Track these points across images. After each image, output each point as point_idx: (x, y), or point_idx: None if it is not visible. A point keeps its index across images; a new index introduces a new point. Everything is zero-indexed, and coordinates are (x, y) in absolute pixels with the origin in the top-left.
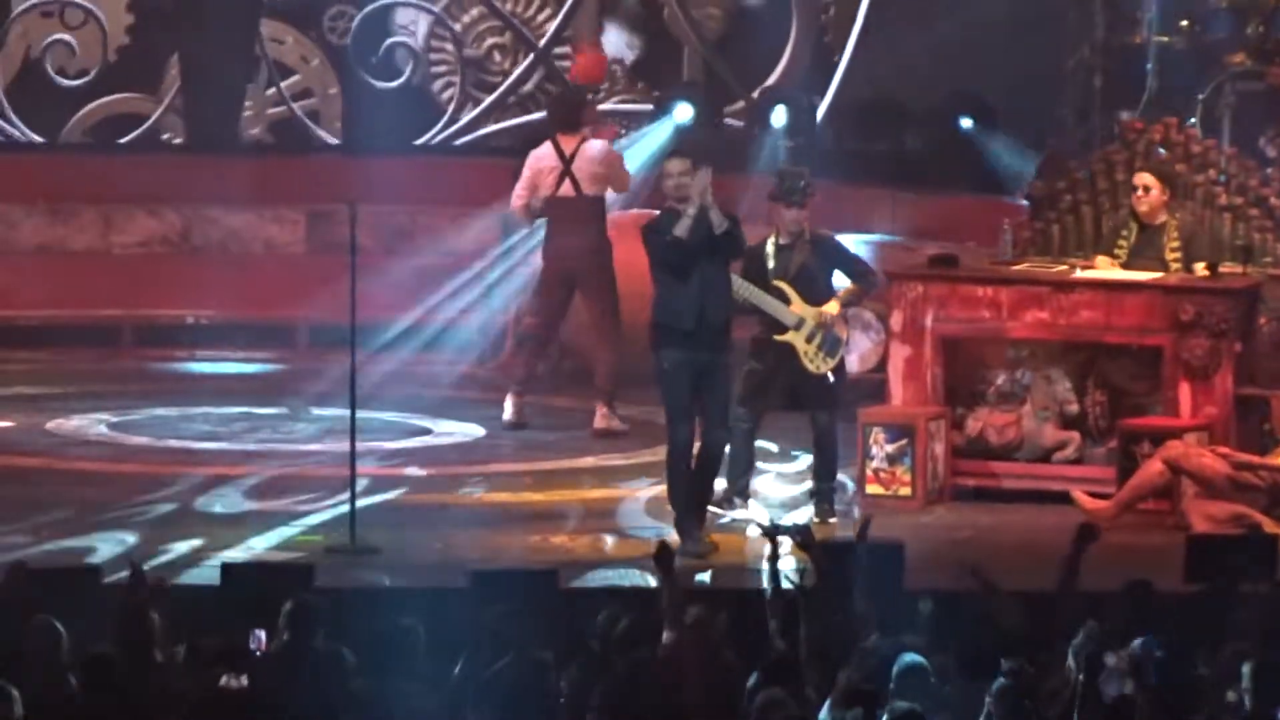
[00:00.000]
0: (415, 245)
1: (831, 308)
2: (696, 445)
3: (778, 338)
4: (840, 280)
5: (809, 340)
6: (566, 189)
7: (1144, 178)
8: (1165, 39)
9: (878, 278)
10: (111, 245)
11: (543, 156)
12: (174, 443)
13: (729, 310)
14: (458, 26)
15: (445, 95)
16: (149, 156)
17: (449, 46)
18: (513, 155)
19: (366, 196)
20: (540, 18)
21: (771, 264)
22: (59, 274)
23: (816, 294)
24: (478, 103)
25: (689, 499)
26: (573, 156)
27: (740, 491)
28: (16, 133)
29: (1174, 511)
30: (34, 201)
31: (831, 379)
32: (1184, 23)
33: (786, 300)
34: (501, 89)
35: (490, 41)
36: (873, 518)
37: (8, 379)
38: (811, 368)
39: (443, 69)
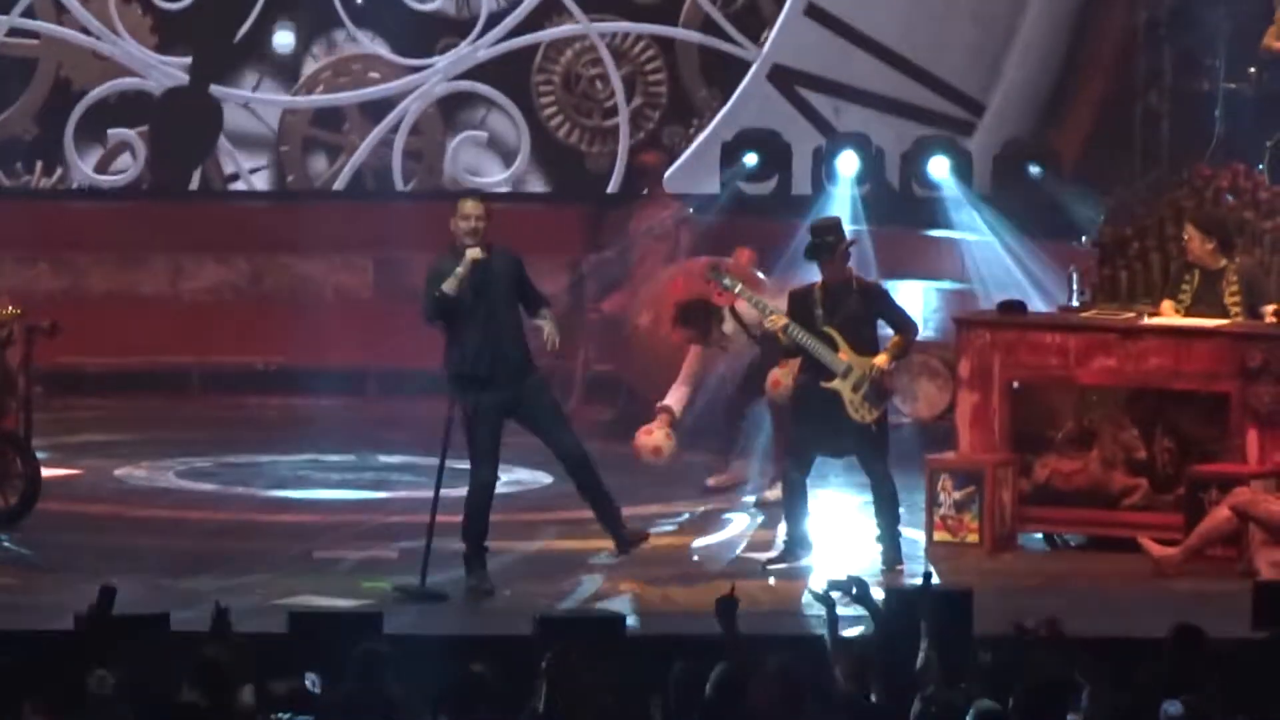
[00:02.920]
0: None
1: (880, 360)
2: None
3: (824, 384)
4: (885, 330)
5: (855, 389)
6: None
7: (1186, 227)
8: (1233, 85)
9: (918, 330)
10: (181, 292)
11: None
12: (242, 490)
13: (523, 345)
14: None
15: (553, 123)
16: (218, 203)
17: (555, 78)
18: (583, 202)
19: (434, 243)
20: (638, 48)
21: (819, 310)
22: (128, 320)
23: (863, 342)
24: (584, 129)
25: (480, 536)
26: None
27: (800, 540)
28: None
29: (1241, 558)
30: (104, 248)
31: (875, 429)
32: (1252, 69)
33: (835, 347)
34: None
35: (593, 72)
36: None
37: (77, 426)
38: (856, 417)
39: (549, 98)
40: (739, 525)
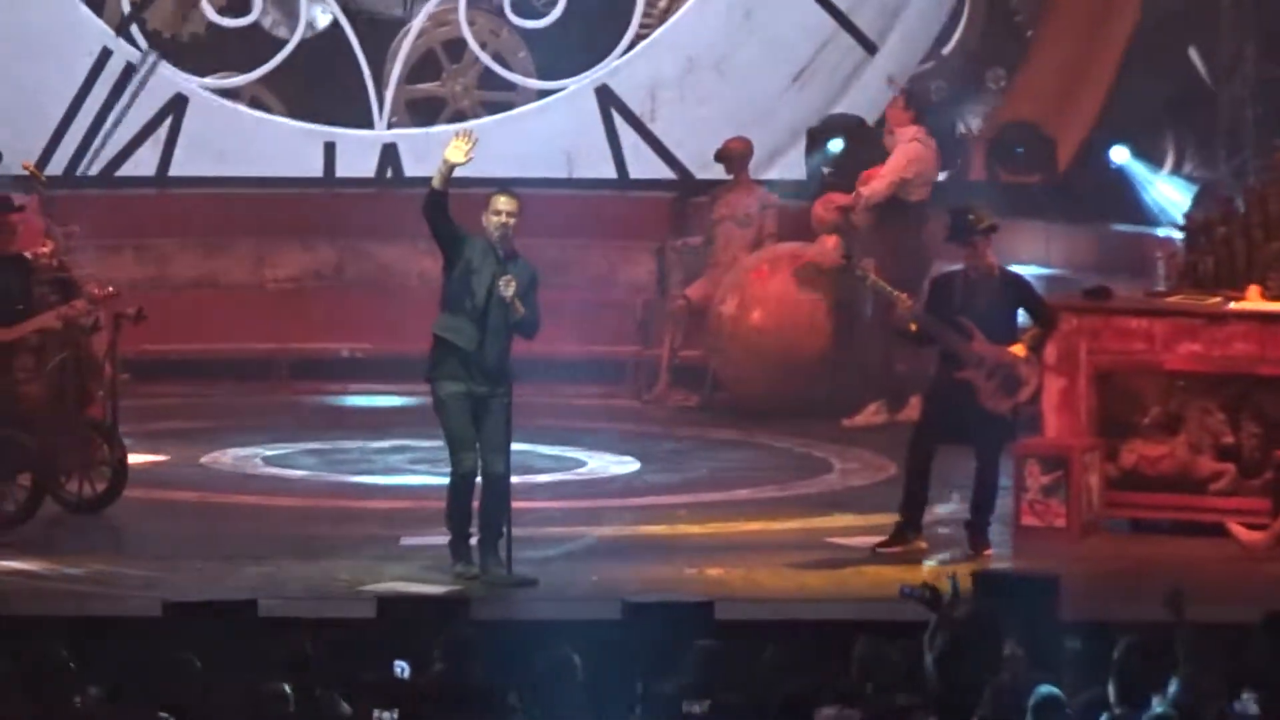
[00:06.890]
0: (569, 280)
1: (1017, 349)
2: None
3: (958, 375)
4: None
5: (989, 378)
6: None
7: None
8: None
9: (1057, 323)
10: (265, 279)
11: None
12: (329, 476)
13: (509, 353)
14: None
15: None
16: (303, 190)
17: None
18: (670, 190)
19: (520, 229)
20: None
21: (957, 298)
22: (213, 308)
23: (1001, 333)
24: None
25: (464, 523)
26: None
27: (914, 525)
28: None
29: None
30: (189, 235)
31: (1008, 419)
32: None
33: (969, 336)
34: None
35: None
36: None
37: (162, 413)
38: (989, 406)
39: None
40: (822, 509)
